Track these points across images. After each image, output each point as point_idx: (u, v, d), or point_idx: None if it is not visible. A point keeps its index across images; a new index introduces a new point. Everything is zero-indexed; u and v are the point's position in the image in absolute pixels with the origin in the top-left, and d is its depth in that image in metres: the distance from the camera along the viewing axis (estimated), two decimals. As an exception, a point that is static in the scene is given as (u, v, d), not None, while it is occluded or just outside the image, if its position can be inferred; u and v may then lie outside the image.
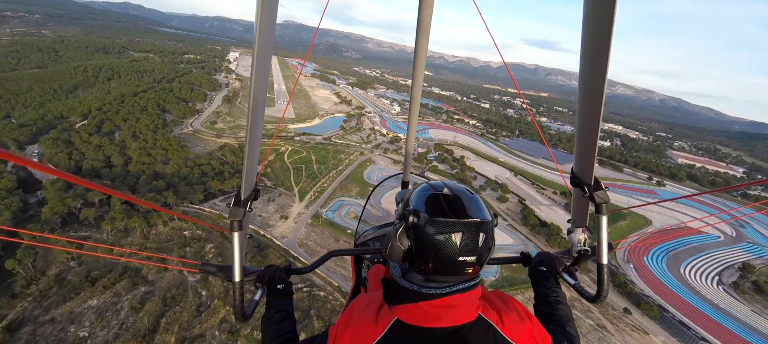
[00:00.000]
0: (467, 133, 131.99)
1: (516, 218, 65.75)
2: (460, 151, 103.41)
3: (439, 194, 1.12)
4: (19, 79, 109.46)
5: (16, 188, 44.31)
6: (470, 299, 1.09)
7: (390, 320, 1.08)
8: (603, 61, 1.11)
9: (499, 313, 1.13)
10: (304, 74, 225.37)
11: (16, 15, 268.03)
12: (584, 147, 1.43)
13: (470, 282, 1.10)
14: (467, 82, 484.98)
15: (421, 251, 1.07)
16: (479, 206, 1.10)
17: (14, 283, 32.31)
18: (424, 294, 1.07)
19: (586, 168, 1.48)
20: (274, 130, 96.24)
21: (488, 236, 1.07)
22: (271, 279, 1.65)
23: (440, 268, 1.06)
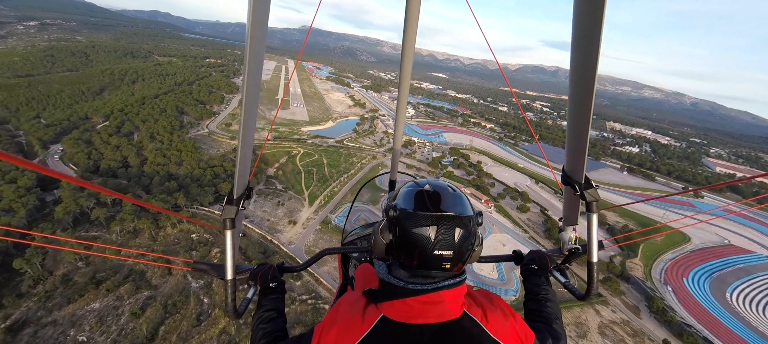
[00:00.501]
0: (484, 137, 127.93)
1: (538, 231, 61.87)
2: (476, 156, 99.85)
3: (420, 190, 1.16)
4: (52, 82, 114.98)
5: (35, 187, 45.13)
6: (455, 296, 1.10)
7: (376, 317, 1.09)
8: (593, 60, 1.12)
9: (483, 310, 1.14)
10: (320, 77, 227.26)
11: (55, 22, 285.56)
12: (575, 146, 1.44)
13: (455, 279, 1.12)
14: (484, 84, 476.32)
15: (401, 245, 1.12)
16: (458, 202, 1.12)
17: (22, 282, 32.32)
18: (410, 291, 1.09)
19: (577, 167, 1.49)
20: (287, 132, 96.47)
21: (467, 232, 1.08)
22: (263, 277, 1.66)
23: (419, 263, 1.09)
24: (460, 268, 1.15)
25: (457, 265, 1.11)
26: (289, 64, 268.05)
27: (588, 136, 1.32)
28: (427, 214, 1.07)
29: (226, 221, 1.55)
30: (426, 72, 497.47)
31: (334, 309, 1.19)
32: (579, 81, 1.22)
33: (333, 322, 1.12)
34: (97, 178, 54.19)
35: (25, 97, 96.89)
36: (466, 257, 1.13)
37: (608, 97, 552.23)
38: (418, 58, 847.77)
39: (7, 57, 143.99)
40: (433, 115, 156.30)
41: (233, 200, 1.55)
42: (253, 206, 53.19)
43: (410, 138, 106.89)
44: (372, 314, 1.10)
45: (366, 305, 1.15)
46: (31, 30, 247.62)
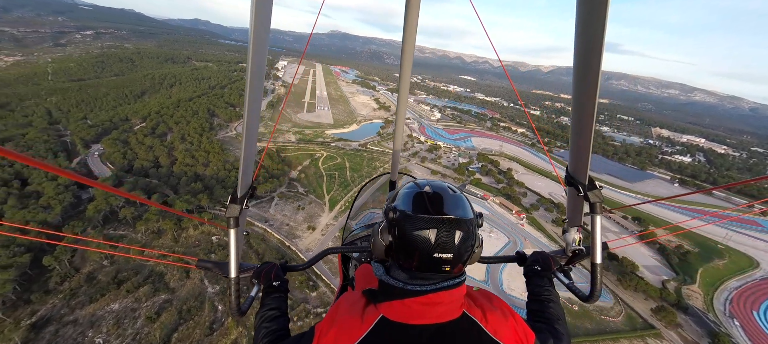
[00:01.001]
0: (515, 142, 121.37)
1: None
2: (506, 162, 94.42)
3: (419, 192, 1.15)
4: (100, 86, 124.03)
5: (72, 184, 47.30)
6: (454, 296, 1.10)
7: (375, 317, 1.10)
8: (596, 59, 1.11)
9: (483, 311, 1.15)
10: (346, 81, 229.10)
11: (108, 31, 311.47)
12: (579, 146, 1.43)
13: (455, 280, 1.12)
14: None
15: (401, 247, 1.11)
16: (459, 204, 1.12)
17: (50, 278, 33.26)
18: (409, 291, 1.09)
19: (581, 167, 1.49)
20: (312, 135, 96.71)
21: (467, 235, 1.08)
22: (267, 275, 1.67)
23: (418, 264, 1.09)
24: (460, 269, 1.15)
25: (456, 267, 1.11)
26: (317, 68, 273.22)
27: (591, 136, 1.32)
28: (427, 217, 1.07)
29: (230, 220, 1.57)
30: (453, 75, 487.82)
31: (334, 308, 1.20)
32: (582, 80, 1.21)
33: (332, 322, 1.13)
34: (131, 177, 56.30)
35: (75, 99, 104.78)
36: (465, 258, 1.13)
37: (653, 101, 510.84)
38: (446, 61, 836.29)
39: (65, 63, 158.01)
40: (460, 118, 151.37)
41: (237, 199, 1.58)
42: (274, 209, 52.72)
43: (435, 142, 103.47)
44: (371, 314, 1.11)
45: (365, 305, 1.15)
46: (87, 39, 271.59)
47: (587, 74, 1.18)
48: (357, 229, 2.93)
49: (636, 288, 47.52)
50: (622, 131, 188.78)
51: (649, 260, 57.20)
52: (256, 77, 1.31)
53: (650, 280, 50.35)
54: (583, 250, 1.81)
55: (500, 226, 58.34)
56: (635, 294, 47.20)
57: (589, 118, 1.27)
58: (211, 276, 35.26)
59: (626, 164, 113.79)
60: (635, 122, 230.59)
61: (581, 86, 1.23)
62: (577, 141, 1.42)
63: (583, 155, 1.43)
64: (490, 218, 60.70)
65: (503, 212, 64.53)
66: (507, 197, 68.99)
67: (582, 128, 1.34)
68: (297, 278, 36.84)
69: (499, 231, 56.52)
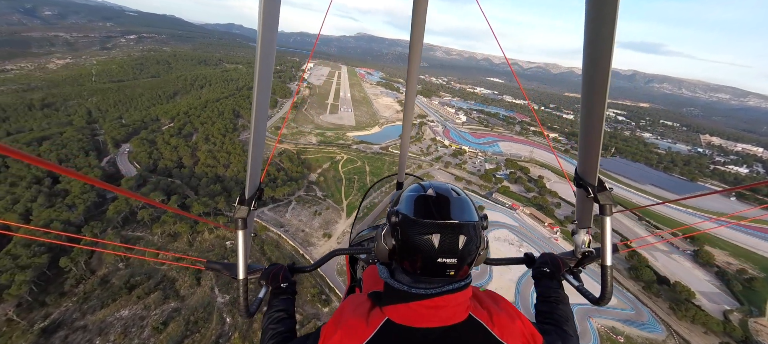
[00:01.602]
0: (546, 148, 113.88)
1: (620, 268, 50.40)
2: (537, 169, 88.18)
3: (422, 195, 1.14)
4: (136, 87, 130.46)
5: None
6: (460, 299, 1.09)
7: (381, 320, 1.09)
8: (606, 59, 1.10)
9: (489, 313, 1.14)
10: (370, 82, 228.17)
11: (150, 36, 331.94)
12: (588, 148, 1.43)
13: (460, 283, 1.10)
14: (546, 90, 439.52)
15: (403, 251, 1.11)
16: (463, 207, 1.11)
17: (67, 280, 33.26)
18: (414, 295, 1.08)
19: (590, 169, 1.48)
20: (333, 137, 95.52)
21: (471, 238, 1.07)
22: (274, 277, 1.69)
23: (422, 268, 1.09)
24: (465, 272, 1.14)
25: (461, 271, 1.10)
26: (342, 70, 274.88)
27: (601, 137, 1.32)
28: (430, 221, 1.06)
29: (238, 221, 1.57)
30: (480, 77, 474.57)
31: (340, 310, 1.20)
32: (591, 83, 1.20)
33: (338, 324, 1.13)
34: (155, 177, 57.10)
35: (113, 100, 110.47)
36: (470, 262, 1.11)
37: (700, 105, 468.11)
38: (473, 63, 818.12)
39: (108, 65, 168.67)
40: (487, 122, 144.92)
41: (245, 201, 1.58)
42: (290, 214, 51.26)
43: (460, 146, 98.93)
44: (377, 317, 1.10)
45: (371, 308, 1.15)
46: (131, 42, 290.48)
47: (597, 74, 1.17)
48: (365, 230, 2.88)
49: (693, 319, 41.26)
50: (667, 138, 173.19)
51: (707, 285, 50.06)
52: (264, 78, 1.29)
53: (710, 310, 43.81)
54: (593, 252, 1.77)
55: (531, 240, 53.46)
56: (692, 326, 41.02)
57: (598, 118, 1.26)
58: (222, 284, 34.01)
59: (673, 175, 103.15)
60: (681, 128, 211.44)
61: (591, 85, 1.22)
62: (586, 142, 1.41)
63: (593, 156, 1.42)
64: (519, 230, 56.01)
65: (534, 224, 59.41)
66: (538, 207, 63.64)
67: (591, 128, 1.33)
68: (309, 291, 34.77)
69: (530, 245, 51.72)
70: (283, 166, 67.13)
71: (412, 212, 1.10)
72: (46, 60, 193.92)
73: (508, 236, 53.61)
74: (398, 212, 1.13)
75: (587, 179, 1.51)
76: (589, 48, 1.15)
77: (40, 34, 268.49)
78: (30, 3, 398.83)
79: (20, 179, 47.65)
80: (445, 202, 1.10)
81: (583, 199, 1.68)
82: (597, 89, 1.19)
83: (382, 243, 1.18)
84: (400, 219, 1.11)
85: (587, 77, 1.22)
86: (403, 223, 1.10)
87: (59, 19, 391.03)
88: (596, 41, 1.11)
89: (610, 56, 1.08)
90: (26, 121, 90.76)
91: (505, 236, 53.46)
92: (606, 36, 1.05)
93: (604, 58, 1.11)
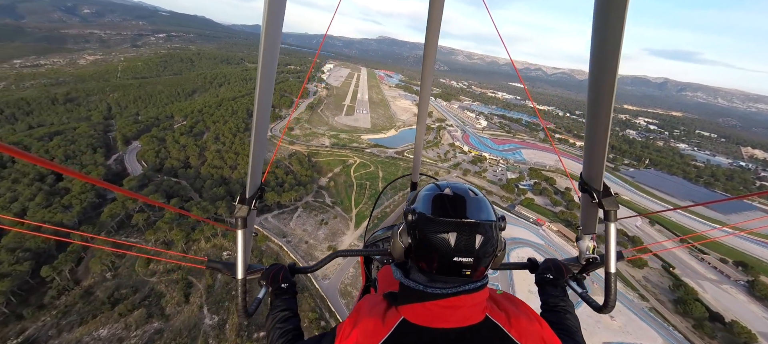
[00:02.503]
0: (574, 157, 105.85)
1: (662, 298, 43.72)
2: (563, 181, 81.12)
3: (439, 194, 1.14)
4: (157, 84, 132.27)
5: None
6: (476, 300, 1.09)
7: (396, 320, 1.09)
8: (612, 65, 1.10)
9: (507, 315, 1.13)
10: (389, 85, 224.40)
11: (178, 34, 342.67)
12: (593, 153, 1.43)
13: (477, 283, 1.10)
14: (570, 96, 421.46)
15: (420, 250, 1.10)
16: (480, 207, 1.10)
17: (49, 290, 30.86)
18: (430, 294, 1.07)
19: (595, 174, 1.48)
20: (347, 139, 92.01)
21: (487, 239, 1.07)
22: (275, 277, 1.67)
23: (438, 268, 1.08)
24: (482, 273, 1.13)
25: (477, 271, 1.09)
26: (362, 72, 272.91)
27: (607, 143, 1.32)
28: (448, 220, 1.06)
29: (238, 221, 1.56)
30: (502, 82, 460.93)
31: (356, 310, 1.20)
32: (598, 88, 1.20)
33: (354, 323, 1.12)
34: (161, 176, 55.18)
35: (133, 96, 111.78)
36: (486, 262, 1.11)
37: (738, 116, 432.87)
38: (495, 67, 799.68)
39: (133, 62, 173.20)
40: (509, 127, 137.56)
41: (245, 200, 1.57)
42: (294, 222, 47.75)
43: (480, 153, 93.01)
44: (392, 317, 1.11)
45: (387, 308, 1.15)
46: (160, 41, 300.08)
47: (603, 80, 1.16)
48: (379, 231, 2.91)
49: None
50: (704, 149, 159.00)
51: (767, 324, 42.55)
52: (267, 77, 1.29)
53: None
54: (598, 258, 1.75)
55: (560, 263, 47.60)
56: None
57: (604, 124, 1.26)
58: (212, 304, 30.72)
59: (715, 190, 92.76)
60: (719, 139, 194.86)
61: (597, 91, 1.22)
62: (591, 147, 1.41)
63: (598, 162, 1.42)
64: (545, 249, 50.12)
65: (562, 242, 53.24)
66: (566, 224, 57.27)
67: (597, 134, 1.33)
68: (306, 315, 30.87)
69: (559, 270, 45.88)
70: (292, 169, 64.01)
71: (429, 211, 1.09)
72: (78, 56, 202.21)
73: (528, 252, 48.01)
74: (415, 211, 1.12)
75: (592, 185, 1.50)
76: (596, 53, 1.15)
77: (77, 31, 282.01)
78: (71, 2, 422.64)
79: (24, 175, 46.59)
80: (462, 201, 1.10)
81: (588, 205, 1.66)
82: (603, 94, 1.18)
83: (399, 241, 1.17)
84: (417, 217, 1.10)
85: (593, 82, 1.22)
86: (419, 221, 1.09)
87: (97, 17, 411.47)
88: (603, 47, 1.10)
89: (616, 62, 1.07)
90: (48, 115, 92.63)
91: (525, 252, 47.82)
92: (613, 42, 1.04)
93: (610, 64, 1.10)
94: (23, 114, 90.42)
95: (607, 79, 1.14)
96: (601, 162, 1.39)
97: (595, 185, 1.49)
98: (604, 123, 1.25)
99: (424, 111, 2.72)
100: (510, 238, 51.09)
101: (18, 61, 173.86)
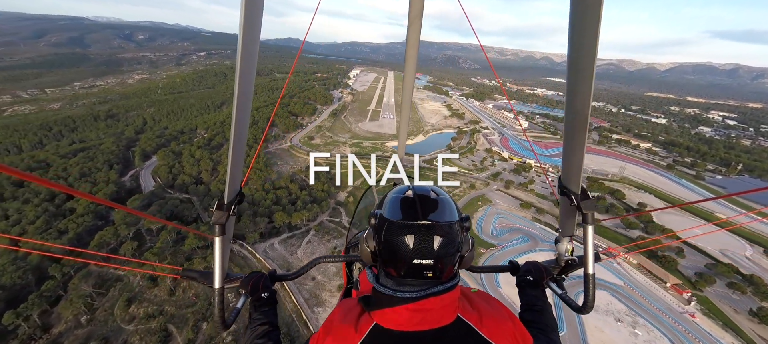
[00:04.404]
0: (640, 162, 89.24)
1: (741, 311, 30.53)
2: (633, 192, 66.70)
3: (397, 197, 1.15)
4: (190, 97, 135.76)
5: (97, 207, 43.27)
6: (446, 301, 1.08)
7: (369, 325, 1.09)
8: (589, 63, 1.07)
9: (479, 314, 1.13)
10: (416, 87, 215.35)
11: (217, 51, 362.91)
12: (571, 156, 1.40)
13: (446, 284, 1.09)
14: (621, 89, 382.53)
15: (384, 254, 1.11)
16: (440, 208, 1.10)
17: (14, 339, 26.35)
18: (399, 298, 1.07)
19: (574, 176, 1.47)
20: (370, 148, 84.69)
21: (447, 240, 1.05)
22: (254, 286, 1.61)
23: (401, 271, 1.08)
24: (450, 273, 1.12)
25: (441, 273, 1.08)
26: (389, 76, 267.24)
27: (584, 145, 1.29)
28: (405, 222, 1.06)
29: (216, 227, 1.53)
30: (540, 77, 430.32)
31: (330, 318, 1.20)
32: (575, 89, 1.17)
33: (328, 332, 1.13)
34: (170, 193, 51.62)
35: (167, 110, 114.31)
36: (450, 263, 1.09)
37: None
38: (531, 62, 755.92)
39: (173, 79, 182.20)
40: (554, 128, 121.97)
41: (223, 206, 1.54)
42: (303, 251, 40.89)
43: (524, 159, 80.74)
44: (365, 322, 1.10)
45: (360, 313, 1.15)
46: (201, 58, 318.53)
47: (580, 79, 1.12)
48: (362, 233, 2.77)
49: None
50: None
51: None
52: (246, 79, 1.25)
53: None
54: (576, 260, 1.79)
55: (650, 312, 35.00)
56: None
57: (581, 128, 1.23)
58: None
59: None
60: (590, 125, 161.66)
61: (574, 90, 1.18)
62: (569, 150, 1.37)
63: (576, 164, 1.39)
64: (628, 293, 37.49)
65: (648, 283, 40.04)
66: (650, 255, 44.38)
67: (574, 135, 1.29)
68: None
69: (652, 325, 33.45)
70: (307, 183, 57.73)
71: (390, 214, 1.09)
72: (128, 76, 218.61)
73: (610, 305, 35.85)
74: (376, 214, 1.13)
75: (570, 188, 1.49)
76: (573, 55, 1.10)
77: (131, 55, 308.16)
78: (129, 30, 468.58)
79: (36, 195, 44.78)
80: (421, 202, 1.09)
81: (567, 207, 1.67)
82: (581, 96, 1.14)
83: (365, 246, 1.18)
84: (378, 221, 1.11)
85: (571, 83, 1.17)
86: (380, 225, 1.10)
87: (149, 41, 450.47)
88: (579, 49, 1.06)
89: (593, 61, 1.04)
90: (91, 131, 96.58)
91: (607, 303, 36.01)
92: (589, 40, 1.02)
93: (587, 64, 1.06)
94: (69, 131, 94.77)
95: (585, 81, 1.11)
96: (580, 165, 1.38)
97: (573, 188, 1.47)
98: (582, 126, 1.22)
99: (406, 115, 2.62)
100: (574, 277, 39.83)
101: (77, 84, 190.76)
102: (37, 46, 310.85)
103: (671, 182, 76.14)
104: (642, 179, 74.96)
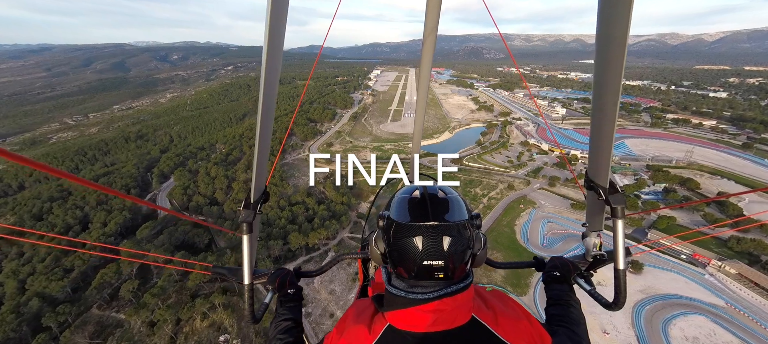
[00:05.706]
0: (707, 143, 75.95)
1: None
2: (707, 180, 55.58)
3: (404, 197, 1.13)
4: (214, 112, 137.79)
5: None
6: (460, 302, 1.06)
7: (383, 326, 1.08)
8: (618, 54, 1.04)
9: (494, 313, 1.11)
10: (439, 82, 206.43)
11: (243, 64, 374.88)
12: (599, 149, 1.39)
13: (458, 285, 1.08)
14: (665, 65, 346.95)
15: (393, 255, 1.10)
16: (449, 207, 1.09)
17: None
18: (412, 300, 1.06)
19: (601, 171, 1.44)
20: (393, 150, 79.04)
21: (457, 239, 1.04)
22: (281, 282, 1.66)
23: (412, 273, 1.07)
24: (462, 273, 1.10)
25: (452, 273, 1.07)
26: (410, 73, 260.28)
27: (613, 137, 1.27)
28: (411, 224, 1.04)
29: (244, 226, 1.57)
30: (572, 61, 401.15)
31: (344, 318, 1.19)
32: (603, 81, 1.15)
33: (341, 332, 1.12)
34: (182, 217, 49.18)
35: (192, 126, 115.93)
36: (462, 263, 1.08)
37: None
38: (561, 46, 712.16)
39: (201, 95, 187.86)
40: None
41: (250, 205, 1.58)
42: (319, 279, 36.01)
43: (568, 150, 71.08)
44: (379, 323, 1.09)
45: (374, 314, 1.14)
46: (229, 72, 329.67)
47: (609, 71, 1.10)
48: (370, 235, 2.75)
49: None
50: None
51: None
52: (271, 79, 1.28)
53: None
54: (605, 255, 1.74)
55: (765, 344, 26.51)
56: None
57: (610, 120, 1.21)
58: None
59: None
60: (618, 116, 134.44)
61: (602, 83, 1.16)
62: (597, 143, 1.35)
63: (604, 157, 1.36)
64: (731, 315, 29.04)
65: (756, 299, 31.18)
66: (748, 258, 34.91)
67: (602, 127, 1.28)
68: None
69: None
70: (326, 196, 53.30)
71: (398, 215, 1.08)
72: (161, 95, 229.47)
73: (714, 337, 27.42)
74: (384, 216, 1.11)
75: (598, 182, 1.46)
76: (601, 44, 1.08)
77: (166, 74, 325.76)
78: (164, 51, 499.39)
79: (52, 228, 43.92)
80: (429, 203, 1.08)
81: (594, 202, 1.65)
82: (609, 85, 1.12)
83: (374, 248, 1.16)
84: (386, 223, 1.10)
85: (599, 75, 1.16)
86: (387, 227, 1.09)
87: (182, 60, 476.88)
88: (608, 36, 1.04)
89: (623, 53, 1.02)
90: (122, 153, 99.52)
91: (708, 334, 27.57)
92: (619, 30, 0.99)
93: (616, 55, 1.04)
94: (102, 154, 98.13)
95: (613, 73, 1.08)
96: (608, 157, 1.33)
97: (601, 181, 1.44)
98: (610, 118, 1.20)
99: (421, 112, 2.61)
100: (659, 296, 31.51)
101: (117, 106, 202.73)
102: (84, 74, 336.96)
103: (752, 163, 63.26)
104: (715, 163, 62.86)
